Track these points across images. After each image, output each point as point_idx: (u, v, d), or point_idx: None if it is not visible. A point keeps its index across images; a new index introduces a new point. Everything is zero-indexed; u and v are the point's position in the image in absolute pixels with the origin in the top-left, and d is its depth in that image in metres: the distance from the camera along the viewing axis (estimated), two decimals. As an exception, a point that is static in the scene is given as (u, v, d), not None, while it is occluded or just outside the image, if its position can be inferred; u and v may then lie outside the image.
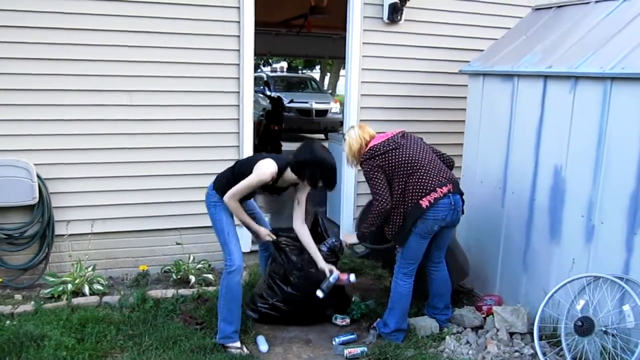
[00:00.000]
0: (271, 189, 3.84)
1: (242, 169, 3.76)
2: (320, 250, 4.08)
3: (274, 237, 4.07)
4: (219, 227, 3.81)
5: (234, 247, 3.77)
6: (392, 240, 3.89)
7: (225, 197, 3.71)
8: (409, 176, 3.73)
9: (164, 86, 4.84)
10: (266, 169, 3.64)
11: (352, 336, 4.02)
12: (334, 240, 4.25)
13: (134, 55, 4.72)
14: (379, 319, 4.10)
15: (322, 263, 3.99)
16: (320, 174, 3.70)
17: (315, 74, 26.27)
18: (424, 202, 3.68)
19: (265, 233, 4.04)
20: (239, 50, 4.99)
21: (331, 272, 3.97)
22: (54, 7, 4.47)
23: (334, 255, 4.19)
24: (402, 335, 3.97)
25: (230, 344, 3.79)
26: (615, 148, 3.54)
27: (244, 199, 3.86)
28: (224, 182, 3.81)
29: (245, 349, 3.81)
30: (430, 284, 4.15)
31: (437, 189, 3.72)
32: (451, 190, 3.78)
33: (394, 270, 3.98)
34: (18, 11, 4.39)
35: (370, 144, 3.86)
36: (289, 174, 3.75)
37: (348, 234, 4.12)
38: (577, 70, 3.75)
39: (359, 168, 3.99)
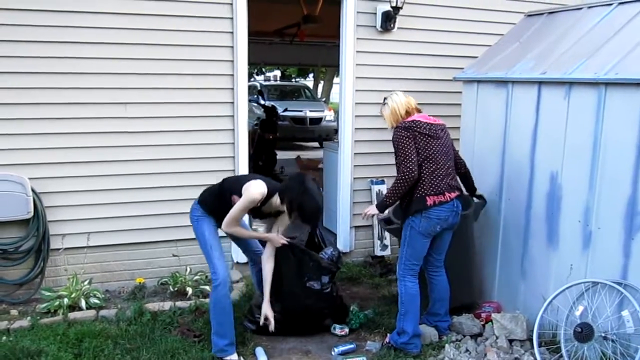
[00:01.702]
0: (256, 211, 3.83)
1: (230, 187, 3.77)
2: (320, 260, 4.09)
3: (287, 240, 3.96)
4: (202, 240, 3.81)
5: (217, 261, 3.75)
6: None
7: (223, 227, 3.72)
8: (430, 168, 3.76)
9: (159, 98, 4.83)
10: (256, 189, 3.62)
11: (351, 346, 4.00)
12: (332, 250, 4.24)
13: (127, 67, 4.71)
14: (389, 334, 4.05)
15: (266, 305, 3.99)
16: (298, 204, 3.63)
17: (309, 82, 26.32)
18: (430, 200, 3.72)
19: (277, 238, 3.93)
20: (232, 61, 4.99)
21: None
22: (47, 21, 4.46)
23: (333, 265, 4.18)
24: (419, 341, 3.93)
25: (226, 358, 3.77)
26: (611, 153, 3.54)
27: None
28: (208, 198, 3.84)
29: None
30: (431, 291, 4.14)
31: (446, 193, 3.78)
32: (456, 196, 3.85)
33: (397, 275, 3.97)
34: (11, 25, 4.38)
35: (415, 117, 3.88)
36: (276, 200, 3.73)
37: (369, 208, 4.03)
38: (572, 76, 3.76)
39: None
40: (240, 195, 3.62)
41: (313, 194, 3.66)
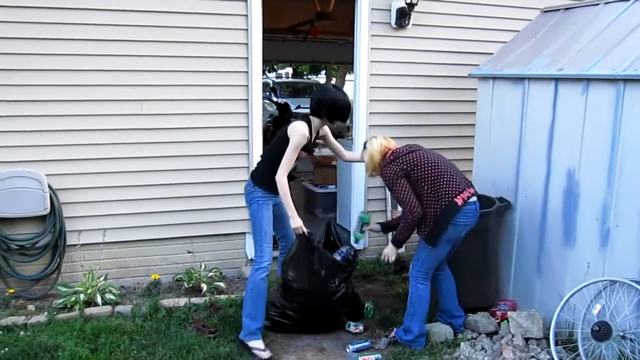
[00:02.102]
0: (312, 144, 3.97)
1: (276, 147, 3.85)
2: (335, 259, 4.10)
3: (306, 231, 3.92)
4: (258, 225, 3.85)
5: (266, 248, 3.83)
6: (425, 240, 3.82)
7: (278, 174, 3.73)
8: (439, 176, 3.75)
9: (175, 95, 4.85)
10: (300, 126, 3.77)
11: (366, 343, 4.00)
12: (347, 248, 4.24)
13: (143, 64, 4.72)
14: (395, 329, 4.07)
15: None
16: (335, 109, 3.86)
17: (321, 79, 26.26)
18: (459, 200, 3.72)
19: (300, 224, 3.89)
20: (247, 58, 4.99)
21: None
22: (64, 18, 4.48)
23: (348, 264, 4.18)
24: (424, 340, 3.96)
25: (253, 342, 3.83)
26: (630, 150, 3.51)
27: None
28: (265, 173, 3.84)
29: (268, 351, 3.84)
30: (439, 288, 4.13)
31: (466, 189, 3.78)
32: (474, 192, 3.84)
33: (410, 275, 3.96)
34: (28, 23, 4.41)
35: (392, 150, 3.89)
36: (315, 121, 3.92)
37: (387, 250, 4.05)
38: (589, 73, 3.73)
39: (378, 175, 3.98)
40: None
41: (341, 94, 3.92)
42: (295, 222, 3.85)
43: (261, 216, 3.84)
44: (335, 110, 3.86)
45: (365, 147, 4.01)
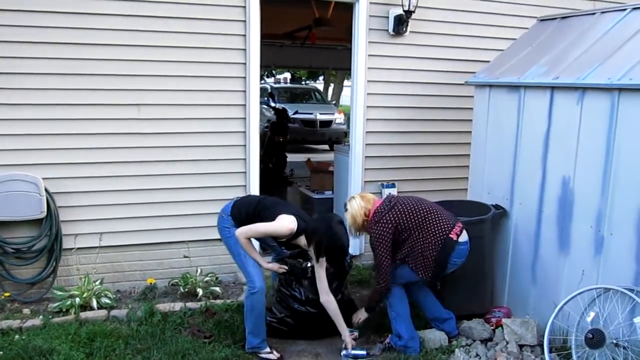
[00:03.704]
0: (285, 242, 3.93)
1: (264, 212, 3.82)
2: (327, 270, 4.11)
3: (286, 268, 4.08)
4: (235, 250, 3.86)
5: (252, 269, 3.82)
6: (430, 279, 3.89)
7: (238, 232, 3.76)
8: (426, 218, 3.82)
9: (172, 100, 4.86)
10: (287, 224, 3.71)
11: (362, 352, 3.99)
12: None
13: (141, 69, 4.74)
14: (390, 335, 4.08)
15: (345, 333, 3.97)
16: (326, 248, 3.71)
17: (319, 84, 26.34)
18: (453, 235, 3.79)
19: (276, 267, 4.08)
20: (245, 64, 5.01)
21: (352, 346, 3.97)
22: (61, 22, 4.50)
23: (342, 270, 4.20)
24: (418, 343, 3.96)
25: (261, 352, 3.91)
26: (624, 159, 3.53)
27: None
28: (242, 215, 3.86)
29: (275, 352, 3.93)
30: (416, 300, 4.16)
31: (455, 224, 3.86)
32: (463, 227, 3.89)
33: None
34: (24, 26, 4.43)
35: (373, 210, 3.90)
36: (303, 240, 3.81)
37: (360, 314, 4.14)
38: (585, 82, 3.76)
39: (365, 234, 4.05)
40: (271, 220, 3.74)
41: (340, 238, 3.72)
42: (273, 269, 4.04)
43: (235, 241, 3.82)
44: (327, 250, 3.72)
45: (346, 209, 4.02)
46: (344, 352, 3.95)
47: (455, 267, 3.89)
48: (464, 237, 3.86)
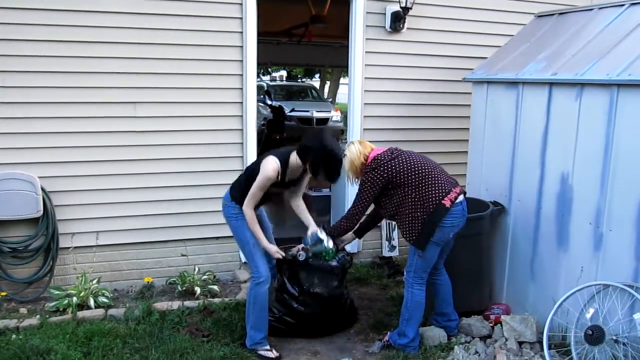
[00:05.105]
0: (284, 184, 3.82)
1: (252, 173, 3.77)
2: (326, 267, 4.10)
3: (283, 255, 3.97)
4: (243, 238, 3.83)
5: (259, 260, 3.81)
6: (414, 245, 3.78)
7: (244, 206, 3.72)
8: (423, 179, 3.70)
9: (168, 98, 4.84)
10: (269, 166, 3.66)
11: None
12: (342, 254, 4.22)
13: (137, 67, 4.71)
14: (389, 332, 4.07)
15: (312, 226, 3.97)
16: (322, 161, 3.66)
17: (315, 82, 26.29)
18: (447, 202, 3.67)
19: (275, 250, 3.95)
20: (241, 61, 4.99)
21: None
22: (56, 20, 4.47)
23: (340, 269, 4.18)
24: (418, 343, 3.96)
25: (261, 350, 3.88)
26: (623, 155, 3.52)
27: (259, 205, 3.85)
28: (238, 192, 3.82)
29: (274, 351, 3.90)
30: (436, 292, 4.12)
31: (452, 189, 3.73)
32: (461, 191, 3.80)
33: (405, 280, 3.96)
34: (17, 24, 4.39)
35: (372, 155, 3.81)
36: (295, 161, 3.73)
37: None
38: (583, 78, 3.74)
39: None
40: None
41: (333, 148, 3.67)
42: (270, 250, 3.89)
43: (243, 229, 3.80)
44: (321, 161, 3.65)
45: (344, 155, 3.88)
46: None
47: (452, 230, 3.74)
48: (459, 198, 3.75)
